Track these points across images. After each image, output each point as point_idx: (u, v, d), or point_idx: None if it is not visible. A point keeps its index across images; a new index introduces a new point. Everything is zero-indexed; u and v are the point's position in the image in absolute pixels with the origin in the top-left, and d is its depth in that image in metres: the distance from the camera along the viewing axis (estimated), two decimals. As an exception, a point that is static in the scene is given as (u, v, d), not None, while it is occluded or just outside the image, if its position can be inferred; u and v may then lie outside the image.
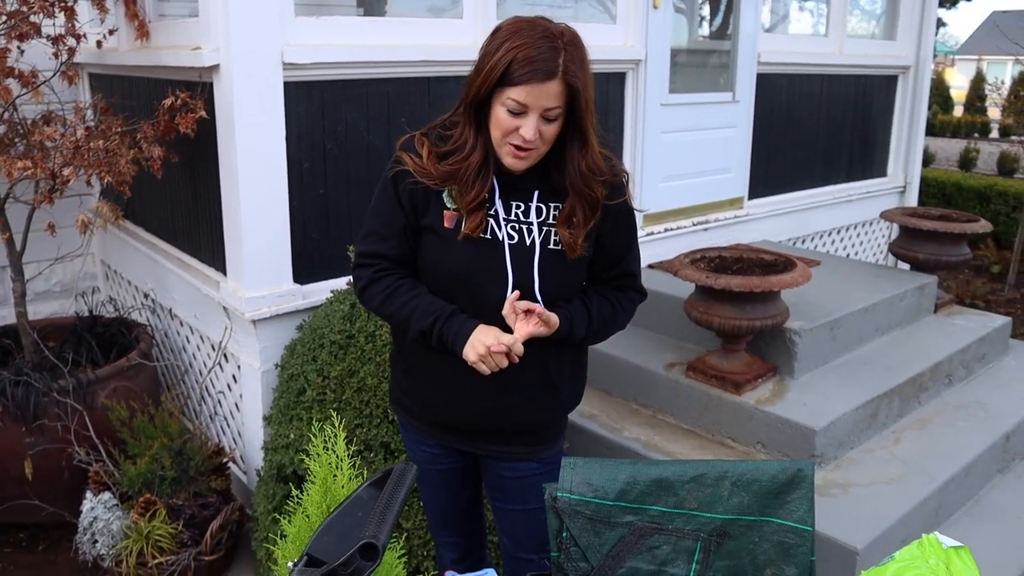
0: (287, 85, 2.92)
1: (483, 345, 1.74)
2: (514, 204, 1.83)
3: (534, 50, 1.64)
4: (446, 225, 1.83)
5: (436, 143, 1.83)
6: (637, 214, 2.02)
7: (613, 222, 1.90)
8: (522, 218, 1.83)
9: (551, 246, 1.84)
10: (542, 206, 1.84)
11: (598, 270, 1.96)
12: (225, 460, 3.23)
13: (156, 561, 2.86)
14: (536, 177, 1.82)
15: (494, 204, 1.82)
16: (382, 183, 1.89)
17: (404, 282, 1.87)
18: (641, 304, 2.07)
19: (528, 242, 1.83)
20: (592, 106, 1.74)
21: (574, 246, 1.82)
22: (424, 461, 2.06)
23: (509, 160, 1.75)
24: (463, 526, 2.19)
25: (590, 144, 1.76)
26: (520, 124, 1.69)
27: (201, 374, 3.63)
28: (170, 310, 3.80)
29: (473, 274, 1.83)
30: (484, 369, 1.76)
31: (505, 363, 1.76)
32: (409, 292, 1.85)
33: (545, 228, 1.84)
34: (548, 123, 1.70)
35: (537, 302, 1.83)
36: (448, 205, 1.83)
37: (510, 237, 1.82)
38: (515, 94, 1.66)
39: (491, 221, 1.82)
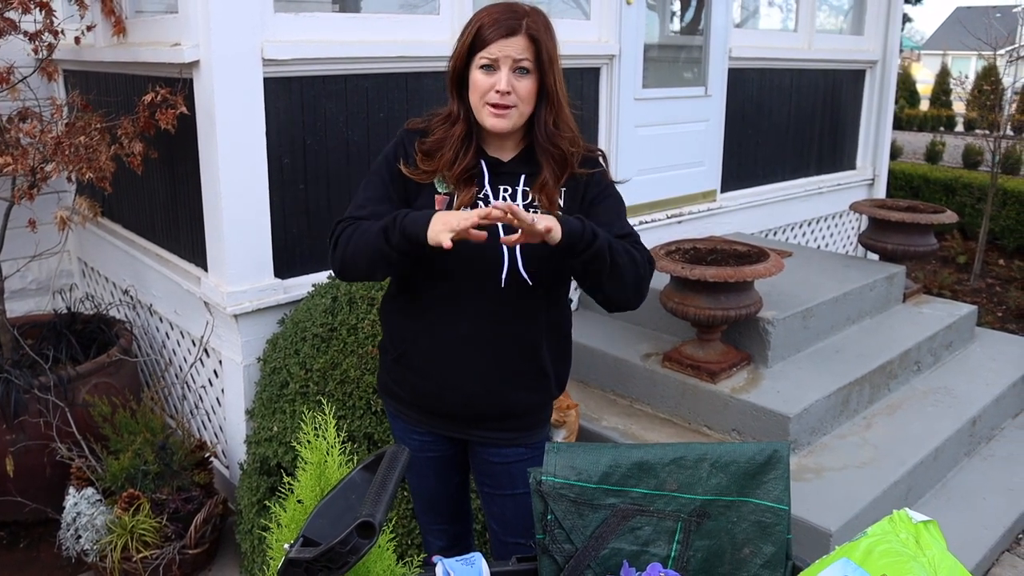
0: (267, 81, 2.93)
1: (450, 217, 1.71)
2: (502, 188, 1.91)
3: (498, 16, 1.82)
4: (437, 208, 1.88)
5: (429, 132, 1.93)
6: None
7: (599, 199, 1.97)
8: (509, 201, 1.90)
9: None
10: (528, 190, 1.92)
11: None
12: (208, 454, 3.25)
13: (141, 555, 2.87)
14: (522, 161, 1.92)
15: (484, 187, 1.90)
16: (376, 166, 1.97)
17: (363, 223, 1.88)
18: None
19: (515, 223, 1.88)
20: (558, 68, 1.86)
21: (552, 208, 1.89)
22: (413, 449, 2.08)
23: (490, 121, 1.84)
24: (450, 513, 2.23)
25: (558, 104, 1.87)
26: (494, 80, 1.81)
27: (182, 369, 3.64)
28: (150, 306, 3.80)
29: (465, 255, 1.85)
30: (446, 241, 1.66)
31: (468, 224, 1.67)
32: (368, 223, 1.86)
33: (531, 210, 1.89)
34: (521, 78, 1.81)
35: (524, 282, 1.88)
36: (439, 189, 1.90)
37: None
38: (485, 52, 1.80)
39: (481, 204, 1.88)
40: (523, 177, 1.91)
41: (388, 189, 1.93)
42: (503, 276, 1.88)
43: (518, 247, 1.87)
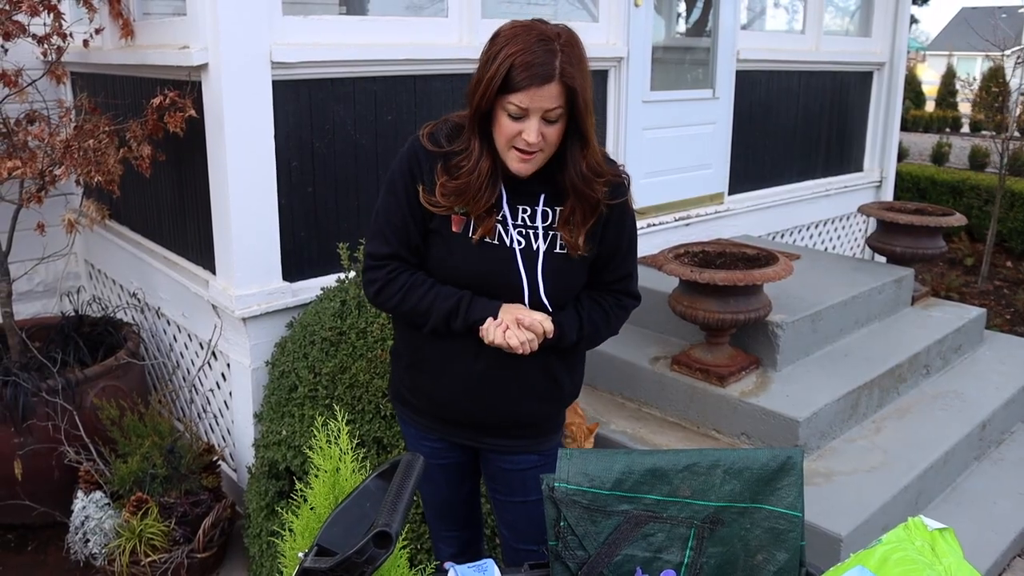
0: (275, 84, 2.93)
1: (512, 315, 1.81)
2: (520, 208, 1.85)
3: (530, 55, 1.66)
4: (454, 229, 1.84)
5: (443, 144, 1.84)
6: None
7: (616, 224, 1.92)
8: (528, 222, 1.85)
9: (556, 250, 1.86)
10: (548, 210, 1.85)
11: (596, 271, 1.97)
12: (215, 458, 3.25)
13: (149, 559, 2.87)
14: (542, 181, 1.83)
15: (501, 209, 1.84)
16: (388, 183, 1.90)
17: (417, 276, 1.88)
18: None
19: (535, 247, 1.84)
20: (591, 106, 1.75)
21: (576, 245, 1.84)
22: (425, 456, 2.07)
23: (515, 165, 1.77)
24: (462, 520, 2.22)
25: (590, 144, 1.77)
26: (522, 128, 1.71)
27: (190, 372, 3.64)
28: (157, 309, 3.80)
29: (482, 279, 1.85)
30: (514, 341, 1.79)
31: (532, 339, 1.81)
32: (425, 284, 1.87)
33: (551, 232, 1.85)
34: (550, 125, 1.72)
35: (544, 306, 1.85)
36: (457, 210, 1.83)
37: (518, 243, 1.84)
38: (515, 99, 1.68)
39: (499, 226, 1.84)
40: (543, 196, 1.84)
41: (406, 212, 1.86)
42: (524, 302, 1.85)
43: (539, 273, 1.84)
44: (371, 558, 1.10)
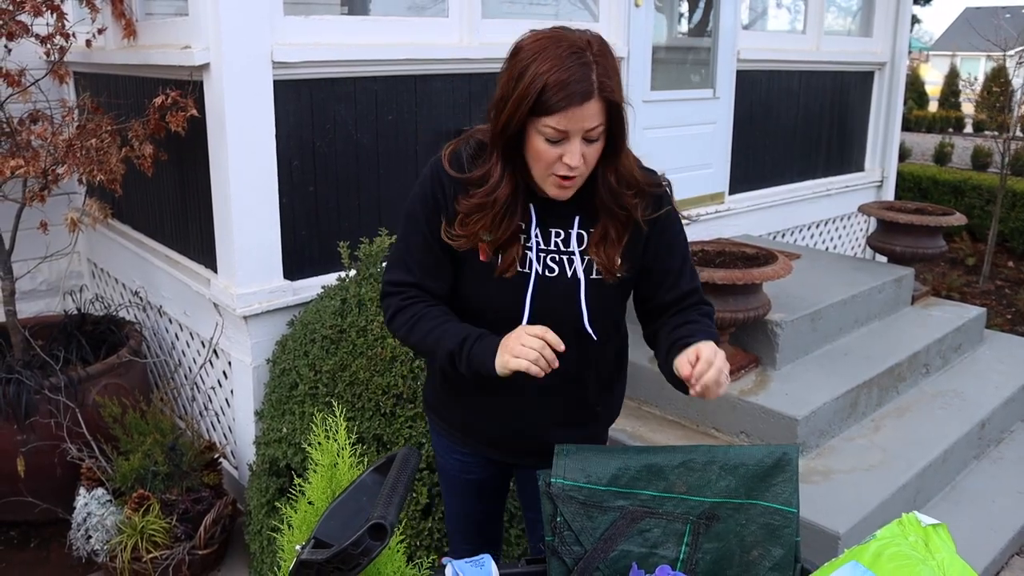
0: (277, 84, 2.95)
1: (517, 340, 1.56)
2: (553, 232, 1.69)
3: (565, 72, 1.48)
4: (481, 259, 1.70)
5: (466, 167, 1.69)
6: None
7: (659, 238, 1.76)
8: (562, 247, 1.70)
9: (594, 275, 1.71)
10: (583, 232, 1.70)
11: (660, 291, 1.80)
12: (217, 455, 3.26)
13: (151, 556, 2.89)
14: (576, 201, 1.67)
15: (531, 235, 1.68)
16: (409, 210, 1.75)
17: (430, 310, 1.72)
18: None
19: (570, 273, 1.70)
20: (627, 118, 1.61)
21: (611, 268, 1.69)
22: (454, 469, 2.01)
23: (555, 191, 1.62)
24: (484, 537, 2.15)
25: (621, 155, 1.63)
26: (562, 151, 1.54)
27: (191, 370, 3.66)
28: (159, 307, 3.82)
29: (513, 312, 1.70)
30: (528, 366, 1.55)
31: (550, 353, 1.55)
32: (435, 319, 1.70)
33: (587, 257, 1.70)
34: (590, 144, 1.56)
35: (589, 336, 1.73)
36: (483, 237, 1.68)
37: (550, 270, 1.70)
38: (552, 122, 1.51)
39: (529, 253, 1.69)
40: (577, 219, 1.68)
41: (431, 241, 1.71)
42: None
43: (583, 302, 1.69)
44: (367, 550, 1.11)
